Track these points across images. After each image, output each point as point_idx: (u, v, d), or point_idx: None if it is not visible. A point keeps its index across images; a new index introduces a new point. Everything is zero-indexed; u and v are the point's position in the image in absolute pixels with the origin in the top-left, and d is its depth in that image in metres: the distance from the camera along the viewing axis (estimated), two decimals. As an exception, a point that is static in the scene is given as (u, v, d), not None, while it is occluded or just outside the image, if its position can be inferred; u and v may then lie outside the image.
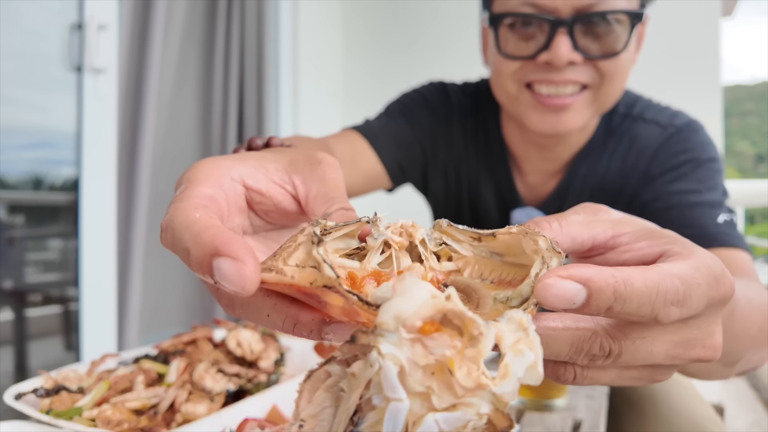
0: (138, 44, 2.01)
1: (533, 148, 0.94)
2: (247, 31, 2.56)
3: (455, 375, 0.20)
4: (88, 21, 1.74)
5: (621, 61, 0.80)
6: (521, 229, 0.27)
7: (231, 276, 0.25)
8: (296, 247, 0.25)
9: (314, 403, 0.22)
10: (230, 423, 0.55)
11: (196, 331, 0.76)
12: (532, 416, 0.70)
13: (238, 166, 0.35)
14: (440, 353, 0.20)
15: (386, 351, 0.20)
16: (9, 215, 1.80)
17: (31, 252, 1.89)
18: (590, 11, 0.76)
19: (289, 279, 0.24)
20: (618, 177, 0.92)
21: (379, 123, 0.98)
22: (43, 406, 0.58)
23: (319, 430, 0.22)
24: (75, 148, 1.78)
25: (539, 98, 0.81)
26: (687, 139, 0.88)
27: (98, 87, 1.79)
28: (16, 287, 1.82)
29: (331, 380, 0.22)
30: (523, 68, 0.81)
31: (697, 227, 0.78)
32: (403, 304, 0.20)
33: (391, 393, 0.20)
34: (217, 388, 0.63)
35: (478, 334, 0.20)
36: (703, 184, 0.83)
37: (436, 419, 0.20)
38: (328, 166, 0.35)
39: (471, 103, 1.02)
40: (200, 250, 0.27)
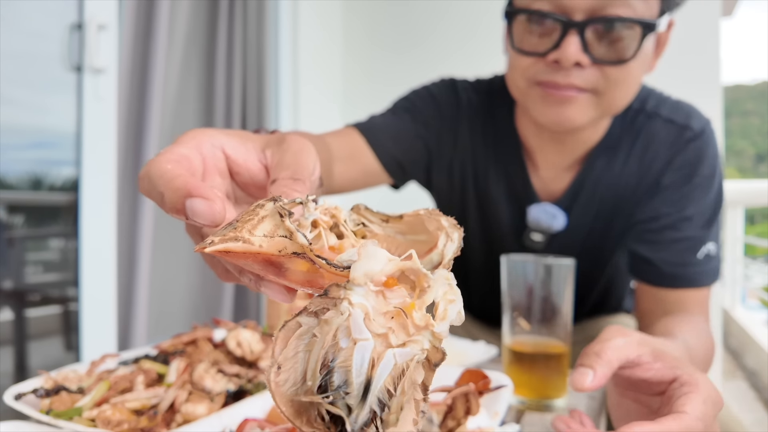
0: (141, 44, 2.02)
1: (548, 142, 0.94)
2: (248, 30, 2.56)
3: (412, 317, 0.25)
4: (87, 21, 1.74)
5: (629, 69, 0.80)
6: (426, 212, 0.32)
7: (203, 212, 0.31)
8: (260, 219, 0.28)
9: (289, 348, 0.26)
10: (230, 423, 0.55)
11: (196, 331, 0.76)
12: (532, 416, 0.70)
13: (222, 136, 0.39)
14: (399, 301, 0.25)
15: (356, 300, 0.25)
16: (9, 215, 1.80)
17: (31, 252, 1.90)
18: (602, 15, 0.76)
19: (257, 248, 0.27)
20: (634, 178, 0.93)
21: (382, 120, 0.99)
22: (43, 407, 0.58)
23: (294, 371, 0.26)
24: (75, 148, 1.78)
25: (546, 89, 0.82)
26: (700, 150, 0.89)
27: (98, 87, 1.79)
28: (16, 287, 1.82)
29: (303, 329, 0.26)
30: (534, 66, 0.82)
31: (680, 265, 0.87)
32: (372, 263, 0.25)
33: (359, 334, 0.24)
34: (217, 389, 0.63)
35: (427, 286, 0.26)
36: (696, 207, 0.88)
37: (394, 353, 0.25)
38: (292, 141, 0.39)
39: (482, 100, 1.02)
40: (173, 193, 0.32)
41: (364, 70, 3.14)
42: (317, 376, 0.25)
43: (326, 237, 0.31)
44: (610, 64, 0.79)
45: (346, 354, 0.25)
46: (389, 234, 0.33)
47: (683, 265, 0.87)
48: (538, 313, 0.73)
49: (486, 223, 1.04)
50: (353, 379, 0.24)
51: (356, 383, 0.24)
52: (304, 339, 0.26)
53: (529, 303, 0.73)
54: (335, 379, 0.25)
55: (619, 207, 0.95)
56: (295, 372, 0.26)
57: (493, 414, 0.62)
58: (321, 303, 0.26)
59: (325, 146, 0.84)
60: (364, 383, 0.24)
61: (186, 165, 0.35)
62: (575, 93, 0.80)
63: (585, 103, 0.82)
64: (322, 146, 0.82)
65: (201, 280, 2.41)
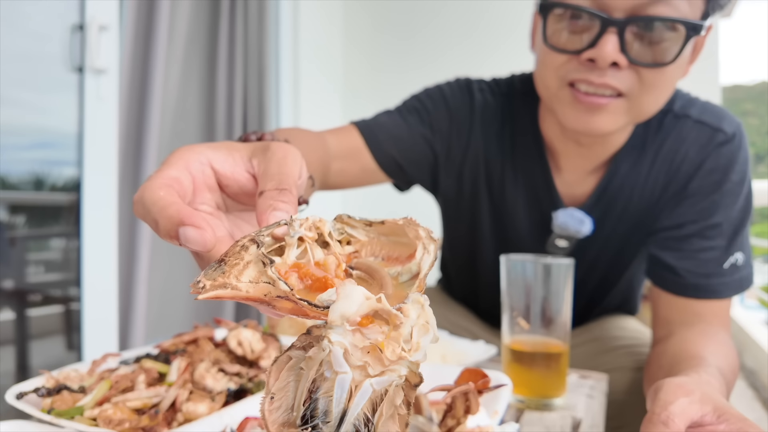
0: (142, 45, 2.02)
1: (572, 145, 0.90)
2: (249, 30, 2.57)
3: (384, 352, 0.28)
4: (89, 22, 1.74)
5: (667, 72, 0.76)
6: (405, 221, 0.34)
7: (195, 240, 0.33)
8: (245, 265, 0.31)
9: (281, 380, 0.29)
10: (231, 422, 0.56)
11: (197, 330, 0.77)
12: (532, 415, 0.70)
13: (209, 152, 0.40)
14: (374, 338, 0.28)
15: (335, 339, 0.27)
16: (11, 215, 1.80)
17: (32, 252, 1.90)
18: (644, 14, 0.71)
19: (245, 294, 0.30)
20: (663, 180, 0.89)
21: (386, 119, 0.97)
22: (45, 406, 0.58)
23: (286, 399, 0.29)
24: (76, 148, 1.78)
25: (577, 95, 0.78)
26: (732, 154, 0.85)
27: (99, 87, 1.80)
28: (17, 287, 1.82)
29: (292, 362, 0.29)
30: (567, 65, 0.78)
31: (704, 276, 0.83)
32: (346, 305, 0.28)
33: (339, 368, 0.27)
34: (218, 388, 0.63)
35: (399, 323, 0.28)
36: (724, 214, 0.84)
37: (371, 383, 0.28)
38: (276, 149, 0.40)
39: (500, 101, 0.99)
40: (167, 221, 0.34)
41: (365, 67, 3.14)
42: (301, 407, 0.28)
43: (312, 252, 0.33)
44: (648, 67, 0.74)
45: (329, 385, 0.28)
46: (373, 237, 0.35)
47: (707, 276, 0.83)
48: (537, 313, 0.73)
49: (500, 228, 1.02)
50: (333, 408, 0.28)
51: (335, 412, 0.28)
52: (294, 371, 0.29)
53: (528, 302, 0.73)
54: (320, 407, 0.28)
55: (644, 212, 0.91)
56: (286, 400, 0.29)
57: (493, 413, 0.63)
58: (306, 339, 0.29)
59: (323, 144, 0.84)
60: (341, 413, 0.28)
61: (177, 188, 0.37)
62: (606, 100, 0.77)
63: (616, 110, 0.78)
64: (320, 144, 0.82)
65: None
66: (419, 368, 0.29)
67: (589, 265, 0.99)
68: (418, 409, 0.54)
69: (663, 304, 0.87)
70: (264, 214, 0.35)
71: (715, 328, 0.81)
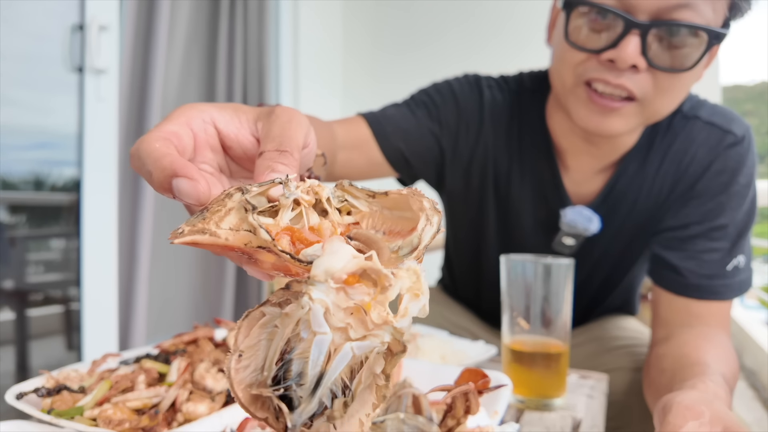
0: (142, 45, 2.02)
1: (581, 144, 0.90)
2: (249, 31, 2.57)
3: (369, 314, 0.26)
4: (89, 22, 1.75)
5: (683, 78, 0.76)
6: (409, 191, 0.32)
7: (188, 191, 0.32)
8: (227, 212, 0.29)
9: (251, 337, 0.27)
10: (231, 422, 0.56)
11: (197, 330, 0.77)
12: (532, 415, 0.70)
13: (213, 111, 0.39)
14: (359, 299, 0.26)
15: (316, 296, 0.25)
16: (11, 215, 1.80)
17: (32, 252, 1.90)
18: (669, 18, 0.71)
19: (223, 241, 0.28)
20: (671, 180, 0.89)
21: (394, 111, 0.96)
22: (45, 406, 0.58)
23: (255, 359, 0.27)
24: (76, 148, 1.78)
25: (592, 95, 0.78)
26: (740, 156, 0.85)
27: (99, 88, 1.80)
28: (17, 287, 1.82)
29: (266, 318, 0.27)
30: (586, 63, 0.78)
31: (707, 277, 0.83)
32: (333, 261, 0.26)
33: (318, 328, 0.25)
34: (218, 388, 0.63)
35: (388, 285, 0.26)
36: (730, 216, 0.84)
37: (351, 347, 0.26)
38: (281, 112, 0.39)
39: (508, 98, 0.98)
40: (161, 172, 0.33)
41: (365, 68, 3.14)
42: (273, 367, 0.26)
43: (307, 216, 0.31)
44: (667, 71, 0.74)
45: (305, 346, 0.26)
46: (375, 210, 0.33)
47: (710, 277, 0.83)
48: (537, 313, 0.73)
49: (506, 225, 1.01)
50: (308, 371, 0.26)
51: (310, 375, 0.26)
52: (267, 329, 0.27)
53: (528, 303, 0.73)
54: (294, 369, 0.26)
55: (651, 212, 0.92)
56: (256, 360, 0.27)
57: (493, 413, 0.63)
58: (283, 295, 0.27)
59: (330, 133, 0.83)
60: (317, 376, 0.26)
61: (175, 142, 0.35)
62: (620, 104, 0.76)
63: (628, 113, 0.78)
64: (327, 132, 0.81)
65: (202, 280, 2.42)
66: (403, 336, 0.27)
67: (593, 264, 0.99)
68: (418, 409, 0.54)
69: (664, 305, 0.87)
70: (262, 176, 0.34)
71: (715, 331, 0.80)
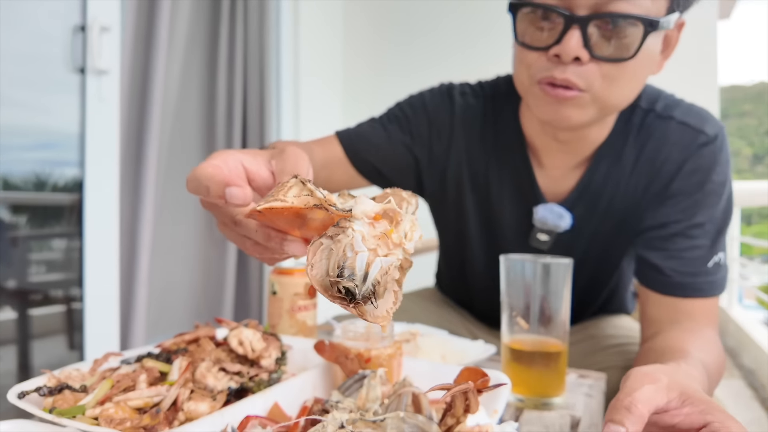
0: (143, 46, 2.02)
1: (553, 141, 0.93)
2: (250, 31, 2.57)
3: (391, 237, 0.40)
4: (90, 23, 1.75)
5: (629, 67, 0.79)
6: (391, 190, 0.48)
7: (238, 196, 0.46)
8: (289, 188, 0.42)
9: (316, 257, 0.39)
10: (232, 421, 0.56)
11: (198, 330, 0.77)
12: (531, 414, 0.71)
13: (239, 154, 0.52)
14: (383, 229, 0.40)
15: (357, 228, 0.39)
16: (13, 215, 1.81)
17: (34, 252, 1.91)
18: (606, 10, 0.75)
19: (290, 203, 0.40)
20: (645, 179, 0.91)
21: (367, 128, 1.04)
22: (47, 405, 0.58)
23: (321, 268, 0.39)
24: (78, 148, 1.79)
25: (546, 88, 0.81)
26: (713, 155, 0.87)
27: (101, 88, 1.80)
28: (19, 287, 1.83)
29: (324, 246, 0.39)
30: (537, 62, 0.81)
31: (690, 275, 0.85)
32: (365, 206, 0.40)
33: (359, 248, 0.38)
34: (219, 387, 0.64)
35: (400, 219, 0.40)
36: (707, 214, 0.86)
37: (380, 260, 0.39)
38: (290, 152, 0.52)
39: (483, 103, 1.01)
40: (216, 185, 0.47)
41: (365, 69, 3.14)
42: (336, 270, 0.38)
43: None
44: (609, 62, 0.77)
45: (351, 260, 0.38)
46: None
47: (693, 275, 0.85)
48: (536, 312, 0.74)
49: (487, 225, 1.04)
50: (357, 272, 0.38)
51: (359, 274, 0.38)
52: (324, 252, 0.39)
53: (528, 302, 0.74)
54: (345, 273, 0.38)
55: (628, 210, 0.93)
56: (321, 269, 0.39)
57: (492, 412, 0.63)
58: (334, 231, 0.39)
59: (311, 155, 0.91)
60: (363, 275, 0.38)
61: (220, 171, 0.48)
62: (572, 93, 0.79)
63: (582, 103, 0.81)
64: (309, 156, 0.87)
65: (203, 280, 2.42)
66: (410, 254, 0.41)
67: (577, 263, 1.00)
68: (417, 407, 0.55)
69: (651, 304, 0.89)
70: None
71: (701, 326, 0.82)
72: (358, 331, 0.71)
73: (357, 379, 0.64)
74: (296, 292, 0.95)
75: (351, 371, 0.67)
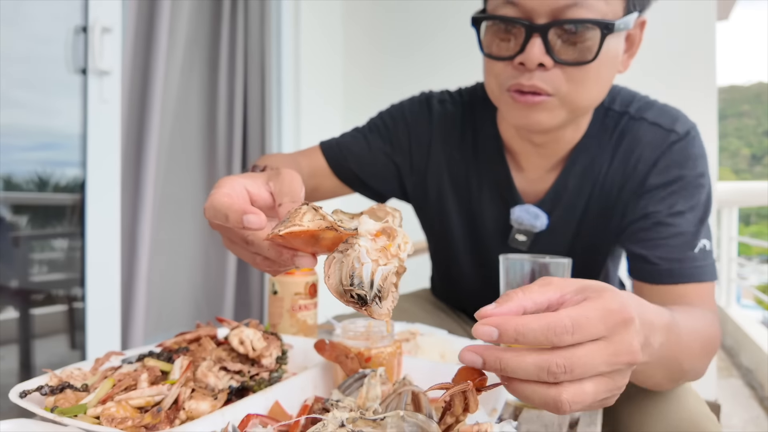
0: (143, 47, 2.03)
1: (529, 144, 0.95)
2: (250, 33, 2.57)
3: (390, 249, 0.48)
4: (92, 24, 1.75)
5: (592, 69, 0.81)
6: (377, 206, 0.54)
7: (255, 221, 0.52)
8: (303, 213, 0.48)
9: (332, 269, 0.48)
10: (233, 420, 0.56)
11: (199, 329, 0.77)
12: (530, 413, 0.71)
13: (241, 179, 0.58)
14: (382, 243, 0.48)
15: (362, 243, 0.47)
16: (15, 215, 1.81)
17: (36, 252, 1.91)
18: (562, 18, 0.78)
19: (306, 227, 0.48)
20: (620, 178, 0.93)
21: (350, 138, 1.09)
22: (48, 404, 0.58)
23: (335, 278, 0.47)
24: (80, 149, 1.79)
25: (514, 95, 0.84)
26: (685, 150, 0.89)
27: (102, 89, 1.81)
28: (21, 286, 1.83)
29: (336, 259, 0.48)
30: (504, 71, 0.84)
31: (677, 261, 0.85)
32: (368, 225, 0.48)
33: (364, 259, 0.47)
34: (220, 386, 0.64)
35: (395, 235, 0.49)
36: (688, 203, 0.87)
37: (381, 269, 0.47)
38: (285, 174, 0.59)
39: (461, 109, 1.05)
40: (235, 213, 0.52)
41: (365, 72, 3.15)
42: (348, 279, 0.47)
43: None
44: (572, 65, 0.80)
45: (359, 270, 0.46)
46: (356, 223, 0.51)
47: (680, 261, 0.85)
48: (535, 312, 0.74)
49: (470, 227, 1.06)
50: (365, 280, 0.46)
51: (366, 282, 0.46)
52: (337, 264, 0.48)
53: (527, 302, 0.74)
54: (355, 281, 0.46)
55: (605, 209, 0.95)
56: (335, 279, 0.47)
57: (491, 411, 0.63)
58: (344, 246, 0.48)
59: (297, 166, 0.99)
60: (370, 282, 0.46)
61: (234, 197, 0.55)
62: (540, 98, 0.82)
63: (550, 107, 0.83)
64: (294, 166, 0.98)
65: (203, 279, 2.43)
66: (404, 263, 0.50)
67: None
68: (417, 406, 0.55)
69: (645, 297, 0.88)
70: None
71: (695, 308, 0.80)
72: (358, 330, 0.71)
73: (357, 378, 0.65)
74: (297, 291, 0.96)
75: (351, 370, 0.68)
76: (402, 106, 1.09)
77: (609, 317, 0.43)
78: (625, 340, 0.44)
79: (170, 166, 2.23)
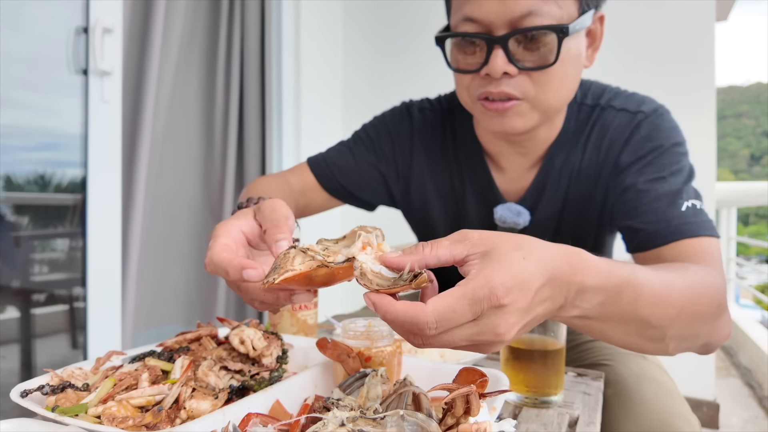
0: (139, 47, 2.03)
1: (506, 146, 0.99)
2: (248, 33, 2.57)
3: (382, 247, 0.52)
4: (93, 25, 1.76)
5: (556, 71, 0.84)
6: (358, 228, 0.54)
7: (254, 275, 0.55)
8: (293, 258, 0.51)
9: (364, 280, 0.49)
10: (234, 419, 0.56)
11: (200, 329, 0.78)
12: (529, 412, 0.71)
13: (235, 221, 0.64)
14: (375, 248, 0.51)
15: (361, 259, 0.49)
16: (16, 215, 1.81)
17: (37, 252, 1.91)
18: (520, 27, 0.81)
19: (299, 270, 0.50)
20: (594, 167, 0.96)
21: (335, 153, 1.12)
22: (49, 404, 0.59)
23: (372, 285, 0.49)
24: (81, 149, 1.80)
25: (485, 104, 0.88)
26: (654, 124, 0.92)
27: (103, 89, 1.81)
28: (23, 286, 1.84)
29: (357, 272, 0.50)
30: (473, 82, 0.88)
31: (663, 221, 0.83)
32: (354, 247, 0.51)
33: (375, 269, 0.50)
34: (220, 385, 0.64)
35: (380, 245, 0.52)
36: (667, 170, 0.88)
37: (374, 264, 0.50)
38: (267, 204, 0.64)
39: (440, 115, 1.09)
40: (235, 270, 0.56)
41: (364, 72, 3.15)
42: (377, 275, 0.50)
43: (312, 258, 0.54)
44: (534, 70, 0.83)
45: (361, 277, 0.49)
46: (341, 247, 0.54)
47: (666, 220, 0.83)
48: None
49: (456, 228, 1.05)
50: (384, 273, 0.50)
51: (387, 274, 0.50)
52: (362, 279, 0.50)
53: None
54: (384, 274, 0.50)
55: (586, 197, 0.98)
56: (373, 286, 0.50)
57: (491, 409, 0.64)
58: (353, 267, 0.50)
59: (288, 186, 1.05)
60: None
61: (231, 249, 0.60)
62: (510, 104, 0.86)
63: (521, 111, 0.87)
64: (285, 186, 1.04)
65: (204, 280, 2.43)
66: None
67: None
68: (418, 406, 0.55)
69: None
70: (273, 246, 0.58)
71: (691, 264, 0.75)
72: (358, 330, 0.72)
73: (358, 377, 0.65)
74: (297, 291, 0.96)
75: (352, 369, 0.68)
76: (384, 117, 1.14)
77: (476, 305, 0.45)
78: (491, 323, 0.46)
79: (168, 165, 2.23)
